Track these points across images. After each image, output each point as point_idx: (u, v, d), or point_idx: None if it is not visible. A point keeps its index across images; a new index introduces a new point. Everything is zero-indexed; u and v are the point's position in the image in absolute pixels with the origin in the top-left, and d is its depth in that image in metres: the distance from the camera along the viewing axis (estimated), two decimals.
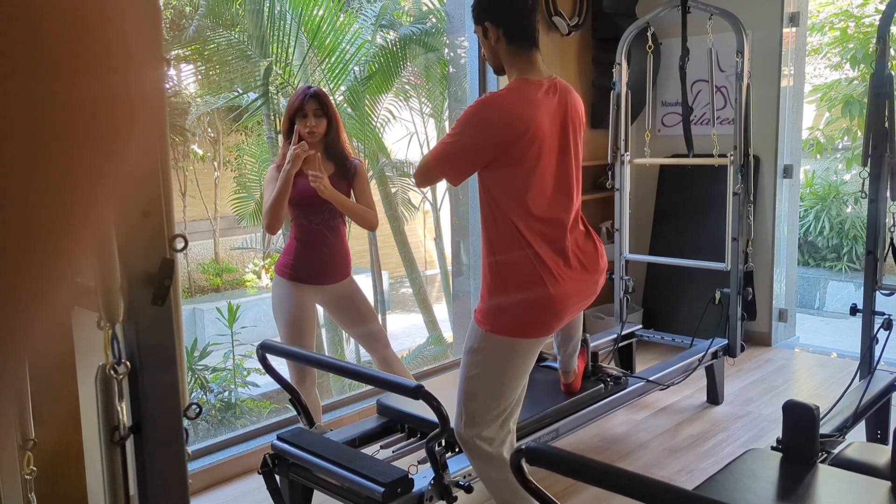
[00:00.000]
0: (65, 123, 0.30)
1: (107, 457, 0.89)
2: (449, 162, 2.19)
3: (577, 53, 4.92)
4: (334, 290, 3.04)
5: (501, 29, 2.17)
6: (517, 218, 2.15)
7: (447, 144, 2.19)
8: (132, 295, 0.85)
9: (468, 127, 2.15)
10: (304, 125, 2.88)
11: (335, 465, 2.35)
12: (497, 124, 2.12)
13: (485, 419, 2.21)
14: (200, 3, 5.86)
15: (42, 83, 0.29)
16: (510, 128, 2.10)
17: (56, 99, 0.29)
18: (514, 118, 2.11)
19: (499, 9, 2.18)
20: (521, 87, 2.17)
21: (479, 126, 2.14)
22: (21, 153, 0.29)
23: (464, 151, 2.16)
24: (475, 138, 2.14)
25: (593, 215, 5.02)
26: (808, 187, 8.03)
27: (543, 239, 2.16)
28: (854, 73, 7.57)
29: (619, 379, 3.25)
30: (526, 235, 2.14)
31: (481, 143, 2.13)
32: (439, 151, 2.20)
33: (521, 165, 2.13)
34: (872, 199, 3.23)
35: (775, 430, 2.74)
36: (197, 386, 4.78)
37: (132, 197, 0.84)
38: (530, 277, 2.15)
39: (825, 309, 7.72)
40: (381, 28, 5.79)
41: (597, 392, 3.14)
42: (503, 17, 2.17)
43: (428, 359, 5.58)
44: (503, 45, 2.18)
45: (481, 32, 2.21)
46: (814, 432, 2.15)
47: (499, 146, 2.11)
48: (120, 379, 0.88)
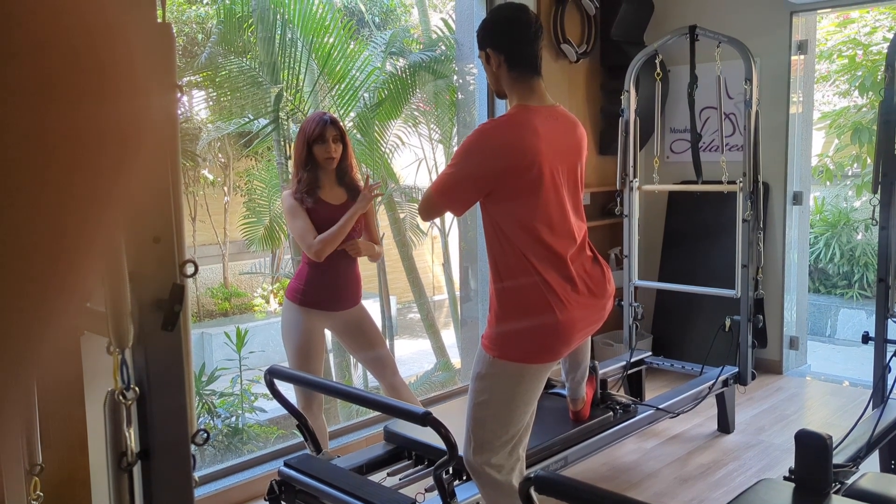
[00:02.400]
0: (76, 149, 0.30)
1: (114, 483, 0.89)
2: (450, 193, 2.21)
3: (586, 81, 4.95)
4: (344, 316, 3.04)
5: (503, 55, 2.19)
6: (523, 244, 2.15)
7: (447, 176, 2.20)
8: (142, 320, 0.85)
9: (467, 156, 2.17)
10: (325, 151, 2.91)
11: (342, 492, 2.33)
12: (495, 152, 2.13)
13: (494, 446, 2.19)
14: (213, 31, 5.93)
15: (54, 110, 0.29)
16: (509, 155, 2.11)
17: (68, 125, 0.29)
18: (511, 145, 2.12)
19: (500, 36, 2.21)
20: (519, 114, 2.18)
21: (477, 154, 2.16)
22: (33, 178, 0.29)
23: (464, 181, 2.17)
24: (474, 167, 2.15)
25: (602, 241, 5.01)
26: (818, 214, 8.00)
27: (550, 265, 2.16)
28: (863, 100, 7.57)
29: (628, 407, 3.22)
30: (533, 261, 2.14)
31: (480, 172, 2.14)
32: (440, 184, 2.22)
33: (522, 193, 2.13)
34: (883, 227, 3.21)
35: (787, 460, 2.70)
36: (204, 411, 4.76)
37: (143, 223, 0.85)
38: (538, 303, 2.14)
39: (837, 337, 7.65)
40: (391, 55, 5.84)
41: (606, 420, 3.10)
42: (504, 43, 2.20)
43: (436, 385, 5.55)
44: (504, 70, 2.20)
45: (484, 58, 2.24)
46: (827, 462, 2.12)
47: (498, 174, 2.12)
48: (128, 404, 0.88)
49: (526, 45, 2.20)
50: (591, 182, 4.93)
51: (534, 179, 2.12)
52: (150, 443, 0.88)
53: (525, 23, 2.21)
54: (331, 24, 5.12)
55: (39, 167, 0.29)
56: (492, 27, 2.24)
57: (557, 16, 4.63)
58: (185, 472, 0.90)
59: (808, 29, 4.70)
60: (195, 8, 6.83)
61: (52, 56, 0.28)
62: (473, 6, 4.44)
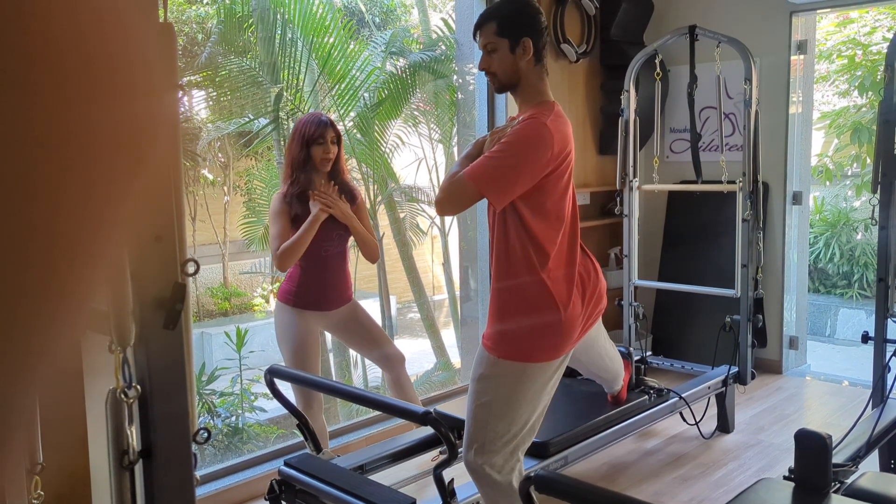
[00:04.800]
0: (78, 149, 0.30)
1: (116, 481, 0.89)
2: (501, 181, 2.10)
3: (586, 80, 4.95)
4: (337, 315, 3.04)
5: (535, 46, 2.16)
6: (539, 241, 2.14)
7: (498, 165, 2.09)
8: (144, 319, 0.86)
9: (528, 146, 2.09)
10: (323, 152, 2.91)
11: (343, 491, 2.33)
12: (555, 147, 2.10)
13: (495, 447, 2.18)
14: (213, 31, 5.93)
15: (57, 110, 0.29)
16: (563, 150, 2.13)
17: (69, 126, 0.29)
18: (565, 141, 2.15)
19: (538, 27, 2.18)
20: (561, 112, 2.19)
21: (540, 146, 2.09)
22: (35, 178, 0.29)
23: (523, 171, 2.09)
24: (537, 158, 2.09)
25: (602, 241, 5.01)
26: (818, 214, 8.01)
27: (560, 262, 2.17)
28: (862, 100, 7.57)
29: (661, 391, 3.40)
30: (541, 260, 2.14)
31: (542, 163, 2.09)
32: (487, 173, 2.09)
33: (558, 188, 2.16)
34: (883, 226, 3.22)
35: (787, 460, 2.71)
36: (204, 410, 4.76)
37: (145, 222, 0.85)
38: (542, 302, 2.14)
39: (836, 336, 7.65)
40: (391, 55, 5.84)
41: (642, 403, 3.29)
42: (540, 35, 2.18)
43: (436, 384, 5.55)
44: (531, 62, 2.17)
45: (510, 47, 2.14)
46: (827, 462, 2.13)
47: (552, 168, 2.12)
48: (130, 403, 0.88)
49: (546, 40, 2.23)
50: (590, 182, 4.93)
51: (568, 176, 2.19)
52: (151, 441, 0.89)
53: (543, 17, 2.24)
54: (331, 24, 5.12)
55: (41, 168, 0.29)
56: (533, 16, 2.18)
57: (557, 16, 4.63)
58: (187, 470, 0.91)
59: (807, 29, 4.70)
60: (195, 8, 6.83)
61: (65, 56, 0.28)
62: (473, 6, 4.44)
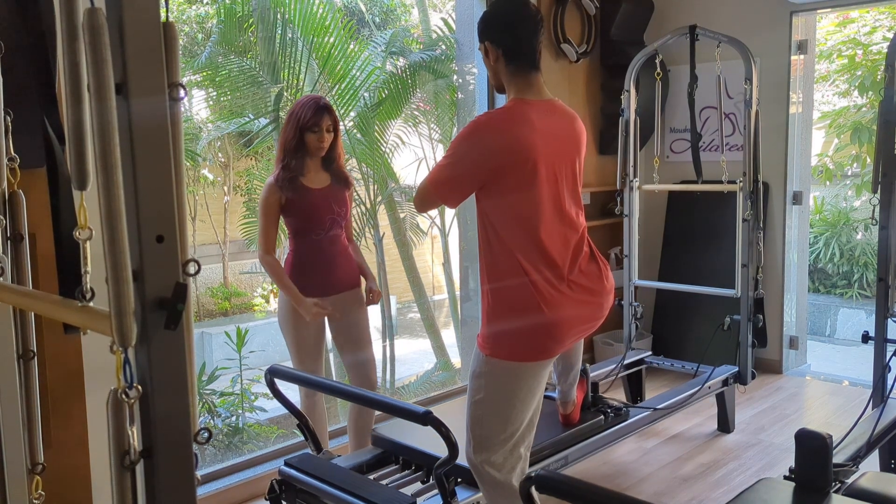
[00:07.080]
0: None
1: (117, 481, 0.89)
2: (445, 184, 2.19)
3: (586, 80, 4.95)
4: (338, 299, 3.01)
5: (501, 49, 2.19)
6: (514, 242, 2.13)
7: (443, 167, 2.18)
8: (145, 319, 0.86)
9: (462, 147, 2.16)
10: (317, 140, 2.88)
11: (343, 491, 2.33)
12: (490, 143, 2.11)
13: (493, 443, 2.19)
14: (213, 31, 5.93)
15: None
16: (503, 148, 2.10)
17: None
18: (506, 137, 2.11)
19: (499, 29, 2.20)
20: (515, 107, 2.17)
21: (471, 146, 2.14)
22: None
23: (459, 173, 2.16)
24: (469, 158, 2.14)
25: (602, 241, 5.01)
26: (818, 214, 8.01)
27: (543, 263, 2.14)
28: (862, 100, 7.57)
29: (619, 410, 3.17)
30: (522, 260, 2.12)
31: (475, 163, 2.13)
32: (435, 175, 2.20)
33: (516, 187, 2.12)
34: (883, 226, 3.22)
35: (787, 460, 2.71)
36: (205, 410, 4.76)
37: (147, 221, 0.85)
38: (527, 303, 2.13)
39: (836, 336, 7.66)
40: (391, 55, 5.83)
41: (596, 423, 3.05)
42: (503, 37, 2.19)
43: (436, 384, 5.55)
44: (502, 64, 2.20)
45: (483, 51, 2.23)
46: (827, 462, 2.12)
47: (493, 166, 2.11)
48: (131, 403, 0.88)
49: (525, 40, 2.18)
50: (590, 182, 4.93)
51: (528, 174, 2.11)
52: (152, 441, 0.89)
53: (524, 17, 2.19)
54: (331, 24, 5.12)
55: None
56: (491, 20, 2.23)
57: (557, 15, 4.63)
58: (188, 470, 0.91)
59: (807, 29, 4.70)
60: (195, 7, 6.83)
61: None
62: (473, 6, 4.44)
